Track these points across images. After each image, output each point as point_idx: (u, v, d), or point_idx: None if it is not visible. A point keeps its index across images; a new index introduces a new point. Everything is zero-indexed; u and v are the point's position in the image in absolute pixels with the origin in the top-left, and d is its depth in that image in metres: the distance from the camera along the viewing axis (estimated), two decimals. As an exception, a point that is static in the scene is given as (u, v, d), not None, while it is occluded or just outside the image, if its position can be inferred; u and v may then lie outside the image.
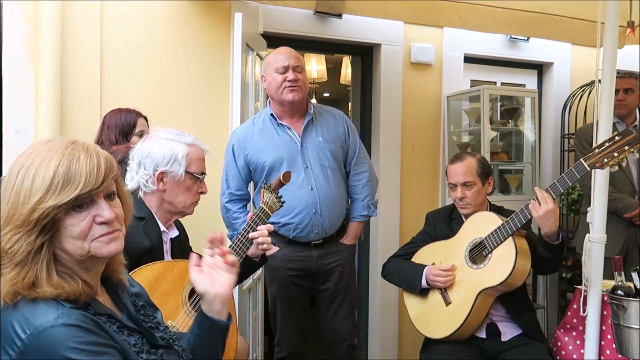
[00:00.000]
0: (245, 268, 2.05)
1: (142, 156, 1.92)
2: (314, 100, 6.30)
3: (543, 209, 2.24)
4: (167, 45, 3.08)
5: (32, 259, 1.08)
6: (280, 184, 2.17)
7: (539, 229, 2.33)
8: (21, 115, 2.75)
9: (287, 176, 2.18)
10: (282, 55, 2.63)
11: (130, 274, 1.68)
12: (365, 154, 2.85)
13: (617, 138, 2.19)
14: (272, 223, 2.56)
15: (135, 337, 1.16)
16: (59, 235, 1.11)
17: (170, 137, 1.95)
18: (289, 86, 2.58)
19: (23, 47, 2.75)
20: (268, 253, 2.63)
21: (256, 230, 2.02)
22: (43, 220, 1.08)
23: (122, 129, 2.58)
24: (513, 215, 2.35)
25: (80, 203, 1.11)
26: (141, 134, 2.60)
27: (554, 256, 2.36)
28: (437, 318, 2.47)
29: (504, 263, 2.32)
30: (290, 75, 2.58)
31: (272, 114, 2.67)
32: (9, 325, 1.04)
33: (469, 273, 2.42)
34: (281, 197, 2.16)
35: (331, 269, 2.71)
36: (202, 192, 2.02)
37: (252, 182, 2.74)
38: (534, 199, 2.29)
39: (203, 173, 2.01)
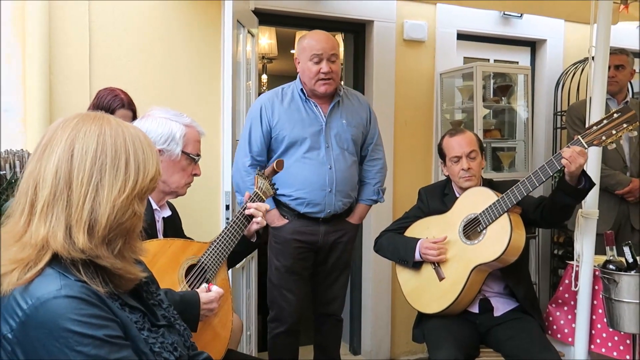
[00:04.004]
0: (242, 248, 2.08)
1: None
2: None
3: (580, 161, 2.15)
4: (156, 22, 3.03)
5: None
6: (274, 172, 2.21)
7: (562, 176, 2.27)
8: (9, 93, 2.71)
9: (280, 164, 2.22)
10: (319, 44, 2.62)
11: None
12: (381, 142, 2.91)
13: (615, 115, 2.19)
14: (284, 195, 2.66)
15: (137, 315, 1.16)
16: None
17: (169, 116, 1.95)
18: (322, 79, 2.60)
19: (9, 24, 2.70)
20: (276, 224, 2.70)
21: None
22: (151, 191, 1.14)
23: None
24: (508, 191, 2.34)
25: None
26: None
27: (577, 200, 2.30)
28: (431, 293, 2.49)
29: (498, 239, 2.32)
30: (324, 67, 2.59)
31: (301, 89, 2.70)
32: (10, 295, 1.03)
33: (463, 249, 2.43)
34: (274, 184, 2.21)
35: (335, 245, 2.76)
36: (195, 174, 2.03)
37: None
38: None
39: (198, 155, 2.02)
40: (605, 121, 2.20)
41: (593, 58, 2.49)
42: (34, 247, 1.05)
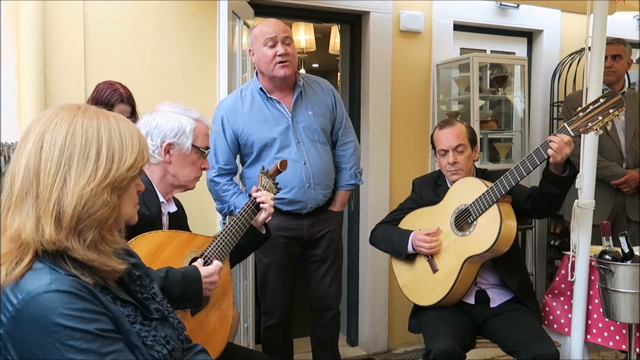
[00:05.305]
0: (251, 239, 2.10)
1: (150, 127, 1.92)
2: (302, 71, 6.25)
3: (566, 151, 2.16)
4: (151, 13, 3.02)
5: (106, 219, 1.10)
6: (278, 171, 2.23)
7: (547, 165, 2.26)
8: (4, 86, 2.69)
9: (284, 164, 2.24)
10: (271, 28, 2.56)
11: (133, 240, 1.69)
12: (350, 124, 2.85)
13: (601, 100, 2.18)
14: None
15: (129, 309, 1.15)
16: (123, 199, 1.13)
17: (179, 111, 1.97)
18: (280, 62, 2.53)
19: (3, 16, 2.68)
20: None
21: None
22: (130, 180, 1.12)
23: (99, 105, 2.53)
24: (497, 181, 2.33)
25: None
26: None
27: (562, 188, 2.29)
28: (425, 285, 2.49)
29: (489, 230, 2.32)
30: (280, 49, 2.52)
31: (260, 88, 2.62)
32: (1, 291, 1.02)
33: (455, 240, 2.43)
34: (277, 183, 2.23)
35: (321, 236, 2.74)
36: (204, 168, 2.04)
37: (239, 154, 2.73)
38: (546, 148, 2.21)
39: (207, 148, 2.03)
40: (591, 107, 2.19)
41: (589, 48, 2.48)
42: (14, 242, 1.05)
